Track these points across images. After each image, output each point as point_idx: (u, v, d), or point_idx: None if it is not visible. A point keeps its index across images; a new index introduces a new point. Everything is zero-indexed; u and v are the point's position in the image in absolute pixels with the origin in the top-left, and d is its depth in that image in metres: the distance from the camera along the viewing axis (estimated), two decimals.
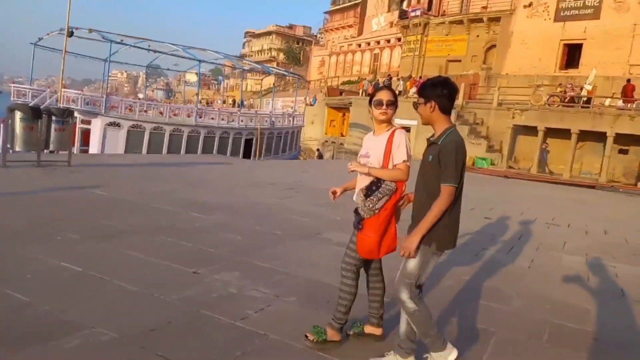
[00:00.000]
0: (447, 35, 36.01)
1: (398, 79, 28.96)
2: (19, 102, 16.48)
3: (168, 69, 38.00)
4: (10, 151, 8.42)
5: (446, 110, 2.61)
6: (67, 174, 8.04)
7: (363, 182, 2.87)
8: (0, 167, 7.75)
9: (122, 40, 17.08)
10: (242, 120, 19.88)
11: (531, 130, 20.59)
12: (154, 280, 3.78)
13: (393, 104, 2.84)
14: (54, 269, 3.79)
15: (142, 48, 18.38)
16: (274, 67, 36.14)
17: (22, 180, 7.19)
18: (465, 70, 31.55)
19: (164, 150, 17.05)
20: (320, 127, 33.33)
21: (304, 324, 3.08)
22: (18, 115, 8.01)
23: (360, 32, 58.58)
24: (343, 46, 56.57)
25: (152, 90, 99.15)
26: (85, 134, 15.68)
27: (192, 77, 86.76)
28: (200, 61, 18.90)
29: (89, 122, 15.71)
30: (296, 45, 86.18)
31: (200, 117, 18.42)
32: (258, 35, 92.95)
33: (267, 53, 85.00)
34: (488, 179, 16.75)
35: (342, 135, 30.78)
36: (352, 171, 2.86)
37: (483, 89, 27.96)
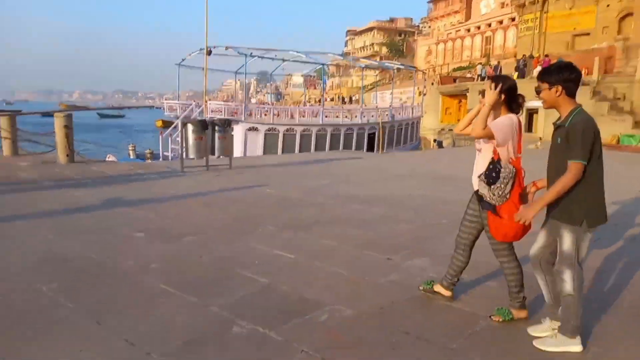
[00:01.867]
0: (570, 8, 32.91)
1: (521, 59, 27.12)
2: (171, 115, 18.72)
3: (288, 74, 39.71)
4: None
5: (572, 94, 2.62)
6: (234, 176, 9.00)
7: (480, 165, 3.01)
8: (180, 173, 8.94)
9: (251, 53, 18.52)
10: (364, 116, 20.37)
11: None
12: (358, 266, 4.15)
13: (484, 94, 2.94)
14: (272, 256, 4.36)
15: (269, 58, 19.76)
16: (390, 62, 36.27)
17: (203, 182, 8.23)
18: (597, 44, 28.58)
19: (296, 149, 18.15)
20: (434, 116, 32.64)
21: None
22: (190, 128, 9.17)
23: (467, 17, 56.11)
24: (450, 33, 54.62)
25: (264, 95, 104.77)
26: None
27: (298, 79, 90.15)
28: (322, 64, 19.77)
29: (231, 129, 17.36)
30: (398, 38, 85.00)
31: (327, 117, 19.28)
32: (360, 33, 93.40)
33: (370, 49, 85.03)
34: None
35: None
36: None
37: (621, 62, 25.14)
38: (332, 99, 56.39)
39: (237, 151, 17.05)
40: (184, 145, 9.11)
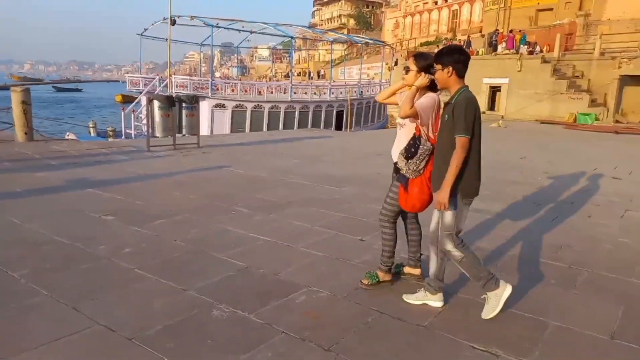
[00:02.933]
0: None
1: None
2: (134, 90, 18.06)
3: (254, 46, 38.78)
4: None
5: (461, 75, 2.86)
6: (202, 155, 8.89)
7: (402, 140, 3.22)
8: (147, 152, 8.75)
9: (217, 24, 17.95)
10: (332, 93, 20.27)
11: None
12: (331, 247, 4.25)
13: (409, 70, 3.21)
14: (247, 239, 4.40)
15: (236, 30, 19.22)
16: (359, 36, 35.99)
17: (171, 162, 8.09)
18: (559, 19, 29.30)
19: (264, 127, 17.92)
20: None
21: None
22: (156, 104, 8.92)
23: None
24: (418, 5, 54.52)
25: (228, 68, 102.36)
26: None
27: (263, 52, 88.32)
28: (292, 37, 19.39)
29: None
30: (366, 9, 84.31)
31: (295, 93, 19.08)
32: (327, 3, 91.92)
33: (337, 20, 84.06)
34: (596, 136, 15.78)
35: None
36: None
37: (581, 39, 25.85)
38: (298, 74, 55.66)
39: (204, 129, 16.72)
40: (149, 122, 8.88)
